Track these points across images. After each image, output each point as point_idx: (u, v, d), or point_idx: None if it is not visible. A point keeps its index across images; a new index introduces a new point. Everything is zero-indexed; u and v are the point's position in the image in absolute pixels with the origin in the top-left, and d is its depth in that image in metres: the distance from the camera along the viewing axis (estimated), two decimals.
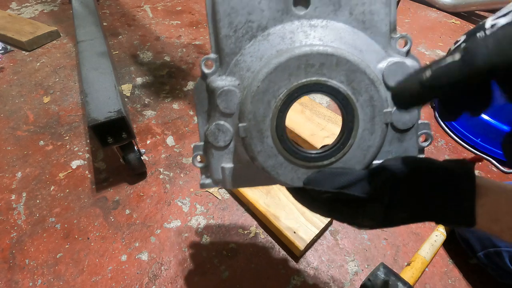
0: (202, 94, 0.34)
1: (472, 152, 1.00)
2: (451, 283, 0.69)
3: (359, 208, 0.30)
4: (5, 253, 0.72)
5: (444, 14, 1.88)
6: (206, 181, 0.37)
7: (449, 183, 0.29)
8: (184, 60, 1.35)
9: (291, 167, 0.31)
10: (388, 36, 0.32)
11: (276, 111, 0.30)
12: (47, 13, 1.66)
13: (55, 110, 1.09)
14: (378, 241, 0.76)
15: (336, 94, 0.29)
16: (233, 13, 0.31)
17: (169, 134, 1.02)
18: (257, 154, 0.31)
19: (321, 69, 0.29)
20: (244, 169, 0.35)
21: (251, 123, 0.30)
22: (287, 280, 0.69)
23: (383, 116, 0.30)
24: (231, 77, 0.32)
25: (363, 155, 0.31)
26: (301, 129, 0.96)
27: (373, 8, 0.31)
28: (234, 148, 0.34)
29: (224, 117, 0.33)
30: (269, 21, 0.31)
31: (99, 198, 0.83)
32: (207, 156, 0.35)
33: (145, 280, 0.68)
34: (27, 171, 0.89)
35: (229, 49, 0.32)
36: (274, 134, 0.30)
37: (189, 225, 0.78)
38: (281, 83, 0.29)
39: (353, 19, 0.31)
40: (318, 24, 0.31)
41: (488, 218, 0.28)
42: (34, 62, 1.31)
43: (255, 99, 0.29)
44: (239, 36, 0.31)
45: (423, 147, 0.35)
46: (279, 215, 0.74)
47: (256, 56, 0.31)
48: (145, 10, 1.73)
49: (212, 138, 0.33)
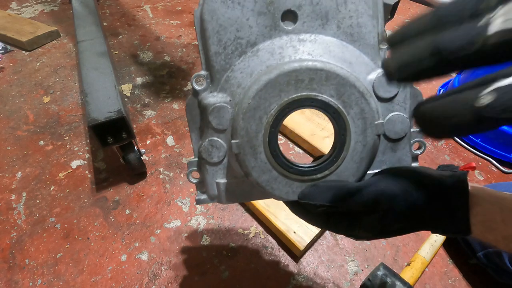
0: (194, 111, 0.34)
1: (472, 152, 1.00)
2: (451, 283, 0.69)
3: (355, 220, 0.30)
4: (5, 253, 0.72)
5: None
6: (201, 197, 0.37)
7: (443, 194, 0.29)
8: (184, 60, 1.35)
9: (285, 182, 0.32)
10: (376, 48, 0.32)
11: (268, 127, 0.30)
12: (47, 13, 1.66)
13: (55, 110, 1.09)
14: (378, 241, 0.76)
15: (327, 108, 0.30)
16: (222, 30, 0.31)
17: (169, 134, 1.02)
18: (251, 170, 0.31)
19: (311, 84, 0.29)
20: (239, 184, 0.35)
21: (243, 140, 0.30)
22: (287, 280, 0.69)
23: (374, 128, 0.31)
24: (222, 93, 0.32)
25: (356, 167, 0.32)
26: (301, 129, 0.96)
27: (360, 20, 0.31)
28: (228, 164, 0.35)
29: (217, 133, 0.33)
30: (258, 37, 0.31)
31: (99, 198, 0.83)
32: (202, 172, 0.36)
33: (145, 280, 0.68)
34: (27, 171, 0.89)
35: (219, 66, 0.32)
36: (267, 149, 0.31)
37: (189, 225, 0.78)
38: (271, 99, 0.29)
39: (341, 32, 0.31)
40: (307, 39, 0.31)
41: (482, 227, 0.28)
42: (34, 62, 1.31)
43: (247, 115, 0.30)
44: (228, 52, 0.32)
45: (417, 155, 0.35)
46: (279, 215, 0.74)
47: (246, 72, 0.31)
48: (145, 10, 1.73)
49: (206, 154, 0.34)
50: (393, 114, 0.32)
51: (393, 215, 0.29)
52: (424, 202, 0.29)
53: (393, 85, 0.31)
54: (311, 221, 0.33)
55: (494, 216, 0.27)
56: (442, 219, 0.29)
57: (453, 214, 0.28)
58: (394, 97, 0.32)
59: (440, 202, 0.29)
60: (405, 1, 1.98)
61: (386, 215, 0.29)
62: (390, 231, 0.30)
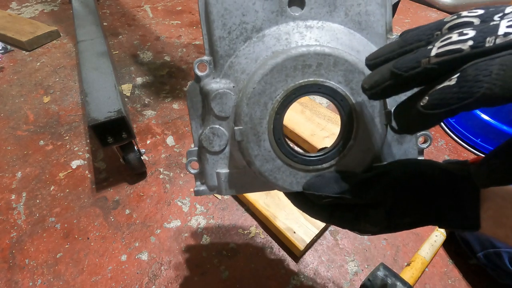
0: (195, 98, 0.33)
1: (472, 152, 1.00)
2: (451, 283, 0.69)
3: (361, 213, 0.30)
4: (5, 253, 0.72)
5: (444, 14, 1.88)
6: (200, 188, 0.36)
7: (453, 187, 0.28)
8: (184, 60, 1.35)
9: (289, 171, 0.31)
10: (384, 37, 0.31)
11: (273, 113, 0.29)
12: (47, 13, 1.66)
13: (55, 110, 1.09)
14: (378, 241, 0.76)
15: (335, 95, 0.29)
16: (227, 14, 0.30)
17: (169, 134, 1.02)
18: (254, 158, 0.30)
19: (319, 69, 0.28)
20: (240, 175, 0.34)
21: (247, 126, 0.29)
22: (287, 280, 0.69)
23: (382, 116, 0.30)
24: (225, 79, 0.31)
25: (363, 158, 0.31)
26: (301, 129, 0.96)
27: (368, 8, 0.30)
28: (230, 153, 0.33)
29: (219, 121, 0.32)
30: (264, 22, 0.31)
31: (99, 198, 0.83)
32: (202, 161, 0.34)
33: (145, 280, 0.68)
34: (27, 171, 0.89)
35: (223, 51, 0.31)
36: (271, 137, 0.30)
37: (189, 225, 0.78)
38: (277, 85, 0.28)
39: (348, 20, 0.31)
40: (314, 25, 0.31)
41: (493, 222, 0.27)
42: (34, 62, 1.31)
43: (251, 101, 0.29)
44: (233, 37, 0.31)
45: (423, 148, 0.34)
46: (279, 215, 0.74)
47: (251, 58, 0.31)
48: (145, 10, 1.73)
49: (207, 143, 0.32)
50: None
51: (401, 209, 0.28)
52: (433, 195, 0.28)
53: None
54: (315, 214, 0.32)
55: (506, 211, 0.27)
56: (451, 213, 0.28)
57: (463, 209, 0.28)
58: None
59: (450, 195, 0.28)
60: (405, 1, 1.98)
61: (394, 209, 0.28)
62: (397, 225, 0.30)
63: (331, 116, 1.00)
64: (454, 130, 1.06)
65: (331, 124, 0.97)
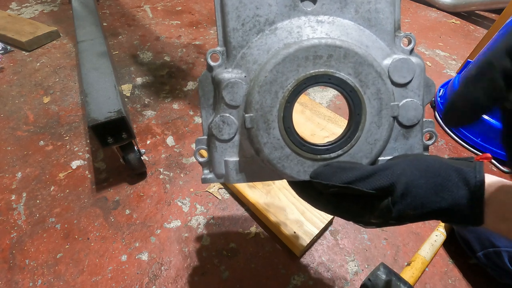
0: (207, 87, 0.34)
1: (473, 152, 1.00)
2: (451, 283, 0.69)
3: (367, 205, 0.30)
4: (5, 253, 0.72)
5: (444, 14, 1.88)
6: (208, 176, 0.36)
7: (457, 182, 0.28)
8: (184, 60, 1.35)
9: (297, 160, 0.31)
10: (392, 35, 0.32)
11: (284, 101, 0.30)
12: (47, 13, 1.66)
13: (55, 110, 1.09)
14: (378, 241, 0.76)
15: (344, 86, 0.30)
16: (241, 6, 0.31)
17: (169, 134, 1.02)
18: (263, 146, 0.31)
19: (329, 60, 0.29)
20: (248, 164, 0.35)
21: (257, 114, 0.30)
22: (287, 280, 0.69)
23: (390, 109, 0.31)
24: (237, 69, 0.32)
25: (370, 149, 0.31)
26: (301, 129, 0.96)
27: (378, 6, 0.31)
28: (239, 142, 0.34)
29: (229, 109, 0.33)
30: (277, 16, 0.32)
31: (99, 198, 0.83)
32: (210, 149, 0.35)
33: (145, 280, 0.68)
34: (27, 171, 0.89)
35: (236, 42, 0.32)
36: (281, 125, 0.30)
37: (189, 225, 0.78)
38: (289, 74, 0.29)
39: (358, 17, 0.32)
40: (325, 20, 0.32)
41: (496, 217, 0.28)
42: (34, 62, 1.31)
43: (263, 89, 0.30)
44: (246, 29, 0.32)
45: (428, 145, 0.35)
46: (279, 215, 0.74)
47: (263, 49, 0.32)
48: (145, 10, 1.73)
49: (217, 131, 0.33)
50: (407, 100, 0.32)
51: (407, 202, 0.29)
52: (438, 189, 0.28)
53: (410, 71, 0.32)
54: (321, 205, 0.32)
55: (509, 206, 0.27)
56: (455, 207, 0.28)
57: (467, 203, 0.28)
58: (408, 83, 0.32)
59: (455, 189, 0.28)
60: (405, 1, 1.98)
61: (400, 201, 0.29)
62: (402, 218, 0.30)
63: (331, 116, 1.00)
64: (454, 130, 1.06)
65: (331, 124, 0.97)
